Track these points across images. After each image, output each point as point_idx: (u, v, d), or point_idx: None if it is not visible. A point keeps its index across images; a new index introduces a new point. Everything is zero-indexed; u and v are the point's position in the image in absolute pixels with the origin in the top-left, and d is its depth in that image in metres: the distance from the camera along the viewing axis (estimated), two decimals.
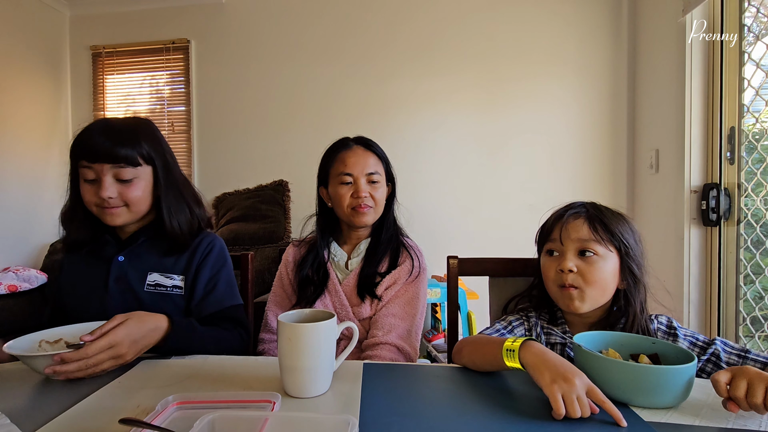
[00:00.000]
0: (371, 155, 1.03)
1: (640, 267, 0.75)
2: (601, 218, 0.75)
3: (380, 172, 1.03)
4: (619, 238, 0.74)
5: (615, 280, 0.75)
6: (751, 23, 1.53)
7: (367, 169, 1.01)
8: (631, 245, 0.75)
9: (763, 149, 1.49)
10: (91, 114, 2.61)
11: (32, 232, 2.40)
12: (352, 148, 1.03)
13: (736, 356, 0.70)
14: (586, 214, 0.77)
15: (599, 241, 0.74)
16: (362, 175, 1.01)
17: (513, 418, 0.55)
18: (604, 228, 0.74)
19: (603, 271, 0.73)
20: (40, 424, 0.53)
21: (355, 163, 1.01)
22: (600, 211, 0.77)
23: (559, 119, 2.28)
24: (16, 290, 2.07)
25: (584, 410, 0.53)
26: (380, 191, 1.03)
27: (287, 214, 2.35)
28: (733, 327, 1.59)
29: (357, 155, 1.02)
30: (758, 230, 1.50)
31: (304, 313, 0.70)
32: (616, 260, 0.75)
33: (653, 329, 0.77)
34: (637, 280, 0.75)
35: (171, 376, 0.70)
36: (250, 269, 1.16)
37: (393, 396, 0.62)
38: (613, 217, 0.77)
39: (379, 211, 1.04)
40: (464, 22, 2.33)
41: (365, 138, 1.07)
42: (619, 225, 0.76)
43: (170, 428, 0.49)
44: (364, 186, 1.01)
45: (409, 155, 2.36)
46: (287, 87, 2.47)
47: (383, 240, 1.04)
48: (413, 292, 1.03)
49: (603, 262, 0.74)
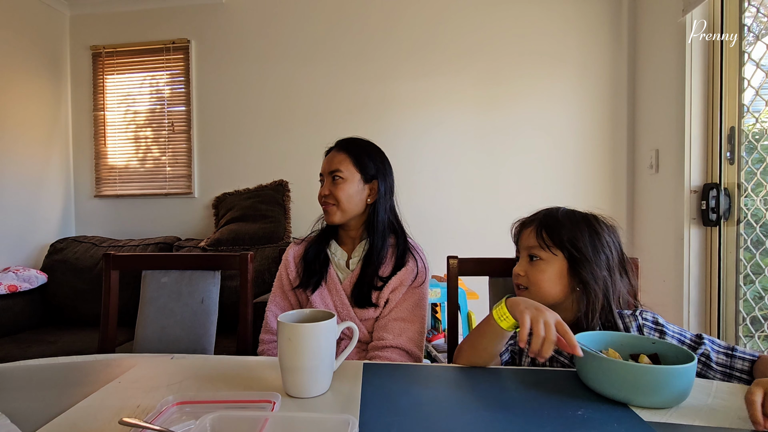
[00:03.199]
0: (341, 153, 1.04)
1: (594, 267, 0.78)
2: (548, 226, 0.83)
3: (344, 170, 1.01)
4: (565, 243, 0.80)
5: (563, 280, 0.81)
6: (751, 23, 1.53)
7: (331, 166, 1.03)
8: (581, 249, 0.79)
9: (763, 149, 1.49)
10: (91, 114, 2.61)
11: (32, 232, 2.40)
12: (332, 150, 1.07)
13: (724, 355, 0.73)
14: (537, 223, 0.85)
15: (543, 247, 0.82)
16: (327, 174, 1.04)
17: (513, 417, 0.55)
18: (550, 235, 0.82)
19: (545, 272, 0.81)
20: (40, 424, 0.53)
21: (326, 163, 1.06)
22: (552, 219, 0.84)
23: (559, 119, 2.28)
24: (16, 290, 2.07)
25: (549, 333, 0.63)
26: (344, 189, 1.01)
27: (287, 214, 2.35)
28: (733, 327, 1.59)
29: (331, 156, 1.06)
30: (758, 230, 1.50)
31: (304, 313, 0.70)
32: (562, 263, 0.81)
33: (635, 326, 0.78)
34: (588, 281, 0.78)
35: (171, 376, 0.70)
36: (249, 269, 1.16)
37: (393, 396, 0.62)
38: (566, 223, 0.82)
39: (348, 210, 1.02)
40: (463, 22, 2.33)
41: (347, 139, 1.09)
42: (569, 231, 0.81)
43: (170, 428, 0.49)
44: (327, 185, 1.03)
45: (408, 154, 2.36)
46: (287, 87, 2.47)
47: (377, 241, 1.02)
48: (420, 295, 1.03)
49: (546, 265, 0.81)
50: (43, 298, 2.22)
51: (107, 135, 2.60)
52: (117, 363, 0.77)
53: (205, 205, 2.54)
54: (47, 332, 2.05)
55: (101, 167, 2.62)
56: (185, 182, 2.54)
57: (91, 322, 2.13)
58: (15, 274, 2.13)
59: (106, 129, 2.60)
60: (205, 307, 1.15)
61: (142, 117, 2.58)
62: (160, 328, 1.13)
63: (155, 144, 2.57)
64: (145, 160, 2.59)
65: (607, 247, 0.80)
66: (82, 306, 2.18)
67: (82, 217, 2.65)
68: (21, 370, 0.72)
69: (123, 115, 2.59)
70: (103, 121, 2.60)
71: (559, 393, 0.62)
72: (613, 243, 0.82)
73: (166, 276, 1.17)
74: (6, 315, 2.01)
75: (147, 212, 2.58)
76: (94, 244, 2.34)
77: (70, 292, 2.20)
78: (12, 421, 0.54)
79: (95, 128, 2.61)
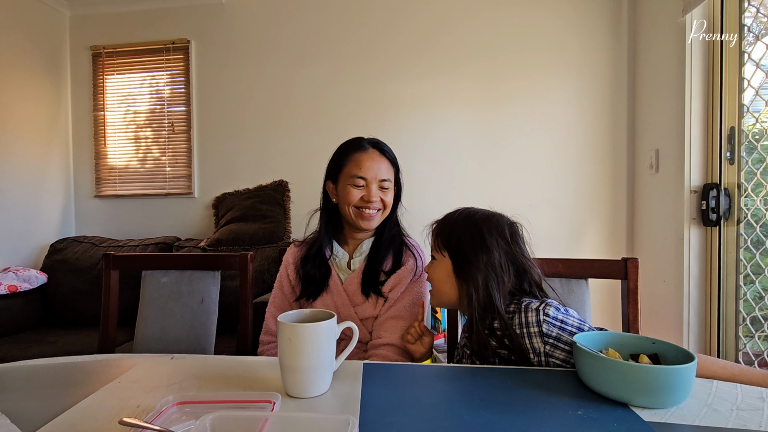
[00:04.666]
0: (385, 161, 1.05)
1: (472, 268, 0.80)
2: (442, 227, 0.88)
3: (391, 179, 1.05)
4: (451, 244, 0.84)
5: (451, 279, 0.84)
6: (751, 23, 1.53)
7: (381, 175, 1.03)
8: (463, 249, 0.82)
9: (763, 149, 1.49)
10: (91, 114, 2.61)
11: (32, 232, 2.40)
12: (368, 150, 1.04)
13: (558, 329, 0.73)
14: (437, 224, 0.90)
15: (435, 248, 0.88)
16: (375, 180, 1.02)
17: (513, 417, 0.55)
18: (441, 236, 0.87)
19: (436, 271, 0.87)
20: (40, 424, 0.53)
21: (369, 167, 1.02)
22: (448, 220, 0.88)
23: (559, 119, 2.28)
24: (16, 290, 2.07)
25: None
26: (389, 196, 1.05)
27: (287, 214, 2.35)
28: (732, 327, 1.59)
29: (372, 159, 1.03)
30: (758, 230, 1.50)
31: (304, 313, 0.70)
32: (448, 263, 0.85)
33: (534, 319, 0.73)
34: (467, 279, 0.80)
35: (171, 376, 0.70)
36: (249, 269, 1.16)
37: (393, 396, 0.62)
38: (458, 225, 0.85)
39: (385, 215, 1.06)
40: (464, 22, 2.33)
41: (380, 142, 1.07)
42: (457, 232, 0.84)
43: (170, 428, 0.49)
44: (375, 191, 1.02)
45: (408, 154, 2.36)
46: (287, 87, 2.47)
47: (385, 239, 1.06)
48: (417, 293, 1.04)
49: (437, 264, 0.87)
50: (43, 298, 2.22)
51: (107, 135, 2.60)
52: (117, 363, 0.77)
53: (205, 205, 2.54)
54: (47, 332, 2.05)
55: (101, 167, 2.62)
56: (185, 182, 2.54)
57: (91, 322, 2.12)
58: (15, 274, 2.13)
59: (106, 129, 2.60)
60: (205, 307, 1.15)
61: (142, 117, 2.58)
62: (160, 328, 1.13)
63: (155, 144, 2.57)
64: (145, 160, 2.59)
65: (493, 247, 0.81)
66: (82, 306, 2.18)
67: (82, 217, 2.65)
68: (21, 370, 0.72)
69: (123, 115, 2.59)
70: (103, 121, 2.60)
71: (559, 393, 0.62)
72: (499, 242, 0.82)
73: (166, 276, 1.17)
74: (6, 315, 2.01)
75: (147, 212, 2.58)
76: (94, 244, 2.34)
77: (70, 292, 2.20)
78: (12, 421, 0.54)
79: (95, 128, 2.61)
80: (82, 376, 0.70)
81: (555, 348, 0.72)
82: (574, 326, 0.73)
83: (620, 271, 1.04)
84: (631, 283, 1.02)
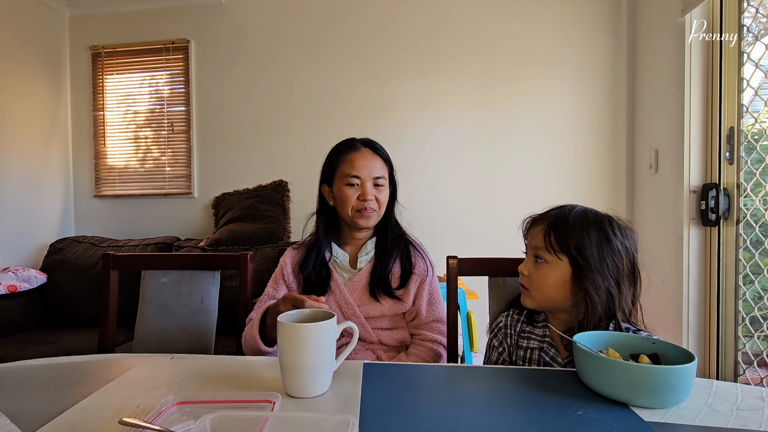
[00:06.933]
0: (378, 159, 1.06)
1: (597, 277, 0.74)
2: (557, 228, 0.78)
3: (385, 176, 1.06)
4: (571, 248, 0.76)
5: (566, 286, 0.77)
6: (750, 23, 1.53)
7: (374, 172, 1.03)
8: (586, 256, 0.75)
9: (762, 149, 1.49)
10: (91, 114, 2.61)
11: (32, 232, 2.39)
12: (360, 150, 1.05)
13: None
14: (547, 223, 0.81)
15: (548, 250, 0.78)
16: (369, 178, 1.03)
17: (513, 417, 0.55)
18: (557, 238, 0.78)
19: (548, 276, 0.79)
20: (40, 424, 0.53)
21: (362, 166, 1.03)
22: (562, 220, 0.79)
23: (558, 119, 2.28)
24: (16, 290, 2.07)
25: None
26: (384, 194, 1.06)
27: (287, 214, 2.35)
28: (732, 327, 1.59)
29: (365, 158, 1.04)
30: (757, 230, 1.50)
31: (304, 313, 0.70)
32: (566, 269, 0.77)
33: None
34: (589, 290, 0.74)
35: (171, 376, 0.70)
36: (249, 269, 1.16)
37: (393, 396, 0.62)
38: (575, 227, 0.77)
39: (381, 214, 1.07)
40: (463, 22, 2.33)
41: (372, 141, 1.08)
42: (578, 235, 0.76)
43: (170, 428, 0.49)
44: (370, 189, 1.02)
45: (408, 154, 2.36)
46: (287, 87, 2.46)
47: (390, 239, 1.07)
48: (437, 290, 1.08)
49: (550, 268, 0.78)
50: (42, 298, 2.22)
51: (107, 135, 2.60)
52: (117, 363, 0.76)
53: (205, 205, 2.54)
54: (47, 332, 2.05)
55: (101, 167, 2.61)
56: (185, 182, 2.54)
57: (91, 322, 2.12)
58: (14, 274, 2.13)
59: (106, 129, 2.60)
60: (204, 306, 1.15)
61: (142, 117, 2.58)
62: (160, 328, 1.13)
63: (155, 144, 2.57)
64: (145, 160, 2.58)
65: (617, 255, 0.76)
66: (82, 306, 2.18)
67: (82, 217, 2.65)
68: (21, 370, 0.72)
69: (122, 115, 2.59)
70: (103, 121, 2.60)
71: (559, 393, 0.62)
72: (626, 250, 0.77)
73: (166, 276, 1.17)
74: (6, 315, 2.01)
75: (146, 212, 2.58)
76: (93, 244, 2.34)
77: (70, 292, 2.20)
78: (12, 421, 0.54)
79: (95, 128, 2.61)
80: (82, 376, 0.70)
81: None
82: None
83: None
84: None
